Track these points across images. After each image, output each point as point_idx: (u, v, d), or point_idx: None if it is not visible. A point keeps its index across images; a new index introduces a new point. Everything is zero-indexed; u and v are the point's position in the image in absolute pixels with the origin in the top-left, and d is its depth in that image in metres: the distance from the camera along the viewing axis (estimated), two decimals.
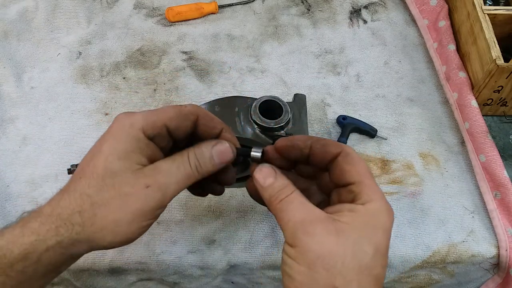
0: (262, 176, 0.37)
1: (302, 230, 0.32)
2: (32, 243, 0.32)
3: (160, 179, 0.34)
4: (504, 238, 0.54)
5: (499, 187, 0.56)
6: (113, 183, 0.33)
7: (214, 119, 0.38)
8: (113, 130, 0.35)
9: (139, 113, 0.36)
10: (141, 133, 0.35)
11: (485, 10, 0.63)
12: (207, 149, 0.37)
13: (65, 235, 0.32)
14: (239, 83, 0.67)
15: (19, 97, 0.64)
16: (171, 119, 0.36)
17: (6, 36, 0.70)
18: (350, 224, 0.32)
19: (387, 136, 0.63)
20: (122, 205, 0.33)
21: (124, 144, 0.34)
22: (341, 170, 0.35)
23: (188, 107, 0.37)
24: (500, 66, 0.58)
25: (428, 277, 0.57)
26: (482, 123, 0.60)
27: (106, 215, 0.33)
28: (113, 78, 0.67)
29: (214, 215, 0.55)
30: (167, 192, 0.35)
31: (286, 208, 0.34)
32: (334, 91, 0.67)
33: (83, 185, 0.33)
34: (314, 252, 0.31)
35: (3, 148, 0.59)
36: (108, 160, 0.34)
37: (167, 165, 0.35)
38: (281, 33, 0.73)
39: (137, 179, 0.34)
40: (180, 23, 0.73)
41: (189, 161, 0.36)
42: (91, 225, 0.33)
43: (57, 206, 0.33)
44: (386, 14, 0.76)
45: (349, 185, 0.35)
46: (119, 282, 0.54)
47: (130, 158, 0.34)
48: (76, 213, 0.33)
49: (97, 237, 0.33)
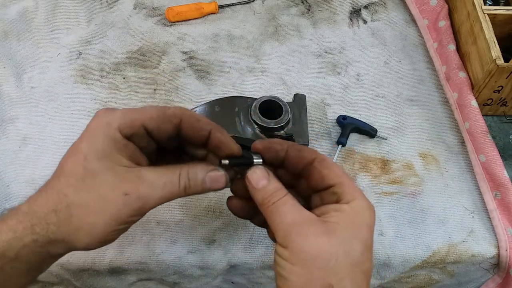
0: (256, 178, 0.37)
1: (295, 232, 0.33)
2: (9, 241, 0.32)
3: (142, 189, 0.33)
4: (504, 238, 0.54)
5: (499, 187, 0.56)
6: (92, 184, 0.33)
7: (201, 121, 0.37)
8: (91, 128, 0.34)
9: (119, 110, 0.35)
10: (117, 132, 0.34)
11: (485, 10, 0.63)
12: (201, 172, 0.36)
13: (40, 234, 0.32)
14: (239, 83, 0.67)
15: (19, 97, 0.64)
16: (151, 119, 0.35)
17: (6, 36, 0.70)
18: (339, 224, 0.34)
19: (387, 136, 0.63)
20: (98, 208, 0.32)
21: (102, 144, 0.33)
22: (320, 174, 0.37)
23: (171, 109, 0.36)
24: (500, 66, 0.58)
25: (428, 277, 0.57)
26: (482, 123, 0.60)
27: (82, 216, 0.32)
28: (113, 78, 0.67)
29: (214, 215, 0.55)
30: (147, 203, 0.34)
31: (278, 210, 0.35)
32: (334, 91, 0.67)
33: (61, 183, 0.33)
34: (308, 252, 0.32)
35: (3, 148, 0.59)
36: (88, 160, 0.33)
37: (154, 178, 0.34)
38: (281, 33, 0.73)
39: (117, 183, 0.33)
40: (180, 23, 0.73)
41: (179, 180, 0.35)
42: (66, 225, 0.32)
43: (34, 204, 0.33)
44: (386, 14, 0.76)
45: (330, 187, 0.36)
46: (119, 282, 0.54)
47: (110, 158, 0.33)
48: (51, 212, 0.32)
49: (72, 238, 0.33)
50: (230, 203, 0.42)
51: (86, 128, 0.35)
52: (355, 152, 0.61)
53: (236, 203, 0.41)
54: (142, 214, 0.35)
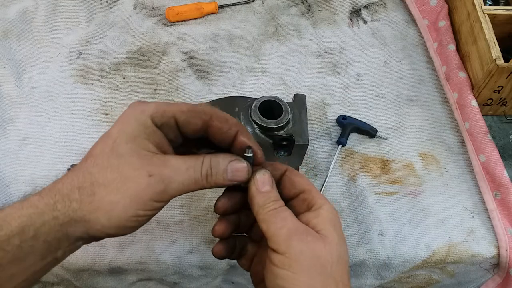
0: (262, 181, 0.37)
1: (297, 238, 0.34)
2: (29, 216, 0.32)
3: (166, 172, 0.34)
4: (504, 238, 0.54)
5: (499, 187, 0.56)
6: (117, 164, 0.33)
7: (229, 121, 0.37)
8: (124, 115, 0.35)
9: (153, 102, 0.36)
10: (149, 119, 0.35)
11: (485, 10, 0.63)
12: (224, 161, 0.36)
13: (61, 211, 0.32)
14: (239, 83, 0.67)
15: (19, 97, 0.64)
16: (182, 112, 0.36)
17: (6, 36, 0.70)
18: (325, 229, 0.35)
19: (387, 136, 0.63)
20: (121, 187, 0.33)
21: (132, 128, 0.34)
22: (291, 181, 0.39)
23: (202, 106, 0.37)
24: (500, 66, 0.58)
25: (428, 277, 0.57)
26: (482, 123, 0.60)
27: (104, 195, 0.33)
28: (113, 78, 0.67)
29: (214, 215, 0.55)
30: (170, 187, 0.34)
31: (280, 216, 0.35)
32: (334, 91, 0.67)
33: (88, 164, 0.33)
34: (309, 259, 0.33)
35: (3, 148, 0.59)
36: (116, 142, 0.34)
37: (177, 162, 0.35)
38: (281, 33, 0.73)
39: (141, 165, 0.33)
40: (180, 23, 0.73)
41: (201, 166, 0.36)
42: (88, 204, 0.32)
43: (59, 183, 0.33)
44: (386, 14, 0.76)
45: (300, 194, 0.38)
46: (119, 282, 0.54)
47: (137, 142, 0.34)
48: (75, 189, 0.33)
49: (92, 218, 0.33)
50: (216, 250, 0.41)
51: (120, 116, 0.36)
52: (355, 152, 0.61)
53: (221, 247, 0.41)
54: (164, 201, 0.35)
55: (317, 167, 0.60)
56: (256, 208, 0.37)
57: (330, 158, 0.60)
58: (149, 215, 0.34)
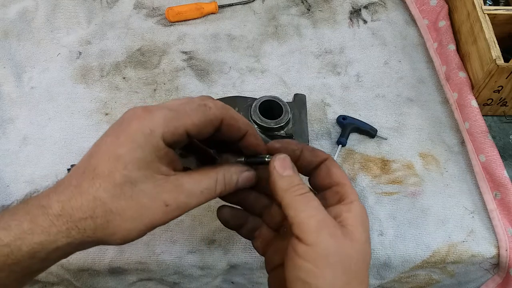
0: (282, 165, 0.36)
1: (327, 231, 0.33)
2: (41, 243, 0.31)
3: (182, 199, 0.34)
4: (504, 238, 0.54)
5: (499, 187, 0.56)
6: (131, 193, 0.32)
7: (239, 121, 0.36)
8: (132, 133, 0.32)
9: (159, 114, 0.33)
10: (161, 141, 0.33)
11: (485, 10, 0.63)
12: (235, 175, 0.37)
13: (76, 237, 0.32)
14: (239, 83, 0.67)
15: (19, 97, 0.64)
16: (194, 125, 0.34)
17: (6, 36, 0.70)
18: (355, 227, 0.34)
19: (387, 136, 0.63)
20: (137, 216, 0.32)
21: (143, 152, 0.32)
22: (328, 171, 0.38)
23: (212, 109, 0.34)
24: (500, 66, 0.58)
25: (428, 277, 0.57)
26: (482, 123, 0.60)
27: (120, 223, 0.32)
28: (113, 78, 0.67)
29: (214, 215, 0.55)
30: (184, 210, 0.34)
31: (308, 203, 0.34)
32: (334, 91, 0.67)
33: (97, 188, 0.32)
34: (337, 256, 0.32)
35: (3, 148, 0.59)
36: (128, 169, 0.32)
37: (191, 185, 0.34)
38: (281, 33, 0.73)
39: (157, 194, 0.33)
40: (180, 23, 0.73)
41: (216, 185, 0.36)
42: (102, 230, 0.32)
43: (68, 206, 0.32)
44: (386, 14, 0.76)
45: (334, 186, 0.38)
46: (119, 282, 0.54)
47: (151, 167, 0.33)
48: (89, 218, 0.32)
49: (106, 240, 0.33)
50: (221, 212, 0.42)
51: (123, 128, 0.33)
52: (355, 152, 0.61)
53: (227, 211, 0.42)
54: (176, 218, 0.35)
55: None
56: (280, 193, 0.35)
57: None
58: None
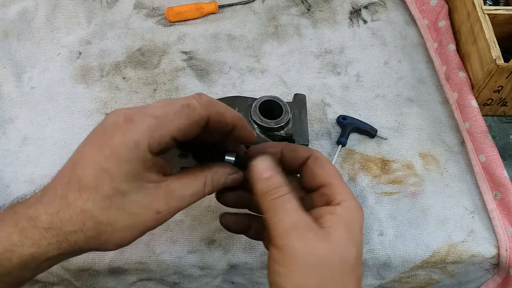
0: (261, 168, 0.35)
1: (296, 235, 0.32)
2: (32, 254, 0.31)
3: (172, 204, 0.34)
4: (504, 238, 0.54)
5: (499, 187, 0.56)
6: (121, 203, 0.32)
7: (227, 117, 0.35)
8: (116, 146, 0.31)
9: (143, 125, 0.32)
10: (147, 153, 0.32)
11: (485, 10, 0.63)
12: (223, 176, 0.37)
13: (68, 249, 0.32)
14: (239, 83, 0.67)
15: (19, 97, 0.64)
16: (179, 130, 0.33)
17: (6, 36, 0.70)
18: (335, 229, 0.33)
19: (387, 136, 0.63)
20: (129, 225, 0.32)
21: (130, 166, 0.31)
22: (311, 173, 0.37)
23: (197, 110, 0.33)
24: (500, 66, 0.58)
25: (428, 277, 0.57)
26: (482, 123, 0.60)
27: (112, 233, 0.32)
28: (113, 78, 0.67)
29: (214, 215, 0.55)
30: (175, 213, 0.35)
31: (281, 207, 0.33)
32: (334, 91, 0.67)
33: (84, 200, 0.31)
34: (306, 258, 0.32)
35: (3, 148, 0.59)
36: (115, 181, 0.31)
37: (181, 190, 0.34)
38: (281, 33, 0.73)
39: (149, 203, 0.33)
40: (180, 23, 0.73)
41: (204, 187, 0.36)
42: (95, 240, 0.32)
43: (56, 219, 0.31)
44: (386, 14, 0.76)
45: (320, 188, 0.36)
46: (119, 282, 0.54)
47: (139, 179, 0.32)
48: (79, 231, 0.31)
49: (99, 248, 0.33)
50: (223, 219, 0.41)
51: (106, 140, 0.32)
52: (355, 152, 0.61)
53: (229, 218, 0.41)
54: None
55: None
56: (258, 196, 0.35)
57: (330, 158, 0.60)
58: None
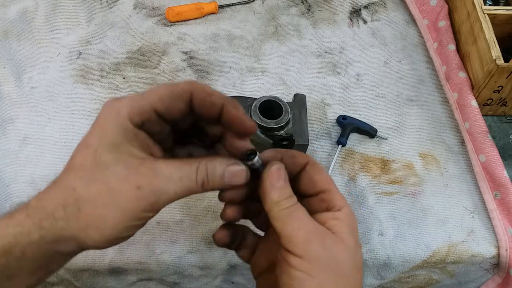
0: (276, 176, 0.34)
1: (316, 241, 0.32)
2: (15, 235, 0.30)
3: (156, 183, 0.31)
4: (504, 238, 0.54)
5: (499, 187, 0.56)
6: (102, 176, 0.31)
7: (213, 95, 0.33)
8: (100, 119, 0.32)
9: (126, 98, 0.32)
10: (128, 122, 0.31)
11: (485, 10, 0.63)
12: (221, 166, 0.34)
13: (49, 229, 0.30)
14: (239, 83, 0.67)
15: (19, 97, 0.64)
16: (160, 101, 0.32)
17: (6, 36, 0.70)
18: (344, 233, 0.34)
19: (387, 136, 0.63)
20: (108, 201, 0.31)
21: (111, 135, 0.31)
22: (311, 179, 0.36)
23: (180, 84, 0.32)
24: (500, 66, 0.58)
25: (428, 277, 0.57)
26: (482, 123, 0.60)
27: (91, 210, 0.31)
28: (113, 78, 0.67)
29: (214, 215, 0.55)
30: (161, 198, 0.32)
31: (296, 215, 0.33)
32: (334, 91, 0.67)
33: (70, 178, 0.31)
34: (329, 262, 0.32)
35: (3, 148, 0.59)
36: (98, 152, 0.31)
37: (169, 171, 0.32)
38: (281, 33, 0.73)
39: (129, 175, 0.31)
40: (180, 23, 0.73)
41: (196, 174, 0.33)
42: (75, 221, 0.30)
43: (42, 199, 0.31)
44: (386, 14, 0.76)
45: (319, 194, 0.36)
46: (119, 282, 0.54)
47: (120, 150, 0.31)
48: (60, 207, 0.30)
49: (82, 235, 0.31)
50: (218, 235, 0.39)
51: (95, 119, 0.33)
52: (355, 152, 0.61)
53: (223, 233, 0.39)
54: (157, 210, 0.32)
55: None
56: (269, 204, 0.34)
57: (330, 158, 0.60)
58: (141, 224, 0.33)
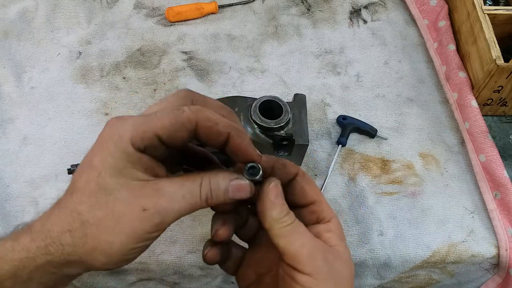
0: (275, 192, 0.35)
1: (322, 257, 0.33)
2: (22, 260, 0.30)
3: (161, 203, 0.31)
4: (504, 238, 0.54)
5: (499, 187, 0.56)
6: (106, 201, 0.31)
7: (219, 124, 0.33)
8: (103, 141, 0.32)
9: (130, 120, 0.32)
10: (130, 146, 0.31)
11: (485, 10, 0.63)
12: (224, 182, 0.33)
13: (55, 255, 0.30)
14: (239, 83, 0.67)
15: (19, 97, 0.64)
16: (163, 129, 0.32)
17: (6, 36, 0.70)
18: (339, 245, 0.35)
19: (387, 136, 0.63)
20: (114, 226, 0.31)
21: (114, 159, 0.31)
22: (302, 189, 0.37)
23: (186, 112, 0.32)
24: (500, 66, 0.58)
25: (428, 277, 0.57)
26: (482, 123, 0.60)
27: (98, 235, 0.30)
28: (113, 78, 0.67)
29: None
30: (167, 218, 0.32)
31: (297, 233, 0.34)
32: (334, 91, 0.67)
33: (74, 201, 0.31)
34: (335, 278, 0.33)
35: (3, 148, 0.59)
36: (101, 176, 0.31)
37: (172, 189, 0.32)
38: (281, 33, 0.73)
39: (133, 198, 0.31)
40: (180, 23, 0.73)
41: (200, 190, 0.33)
42: (82, 246, 0.30)
43: (47, 222, 0.31)
44: (386, 14, 0.76)
45: (309, 205, 0.37)
46: (119, 282, 0.54)
47: (123, 174, 0.31)
48: (66, 232, 0.30)
49: (89, 259, 0.31)
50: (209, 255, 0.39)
51: (98, 139, 0.32)
52: (355, 152, 0.61)
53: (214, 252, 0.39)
54: (162, 230, 0.33)
55: (317, 167, 0.60)
56: (270, 221, 0.34)
57: (330, 158, 0.60)
58: (147, 245, 0.33)
